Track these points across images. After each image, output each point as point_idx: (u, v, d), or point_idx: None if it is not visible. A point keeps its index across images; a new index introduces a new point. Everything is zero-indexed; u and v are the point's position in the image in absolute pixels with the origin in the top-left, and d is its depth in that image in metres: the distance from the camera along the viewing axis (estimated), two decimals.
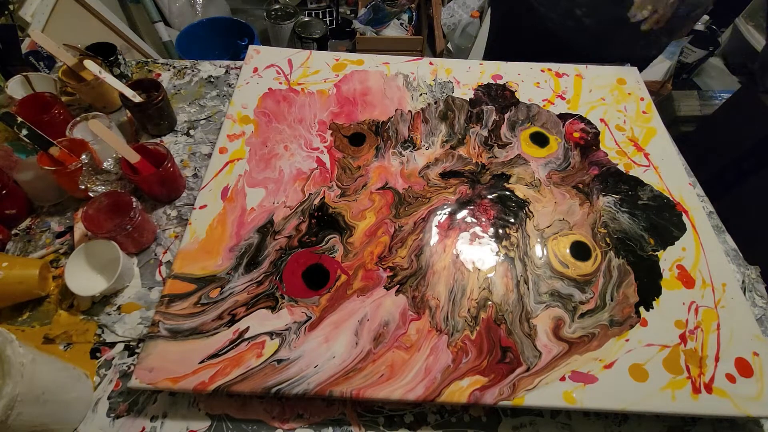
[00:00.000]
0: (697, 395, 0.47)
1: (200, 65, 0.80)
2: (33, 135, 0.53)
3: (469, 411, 0.49)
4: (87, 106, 0.71)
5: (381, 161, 0.65)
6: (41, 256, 0.55)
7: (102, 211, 0.55)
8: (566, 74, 0.79)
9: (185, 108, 0.73)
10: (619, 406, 0.46)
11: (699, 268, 0.57)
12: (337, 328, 0.49)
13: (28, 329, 0.51)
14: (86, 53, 0.67)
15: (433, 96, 0.74)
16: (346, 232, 0.57)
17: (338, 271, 0.53)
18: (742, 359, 0.49)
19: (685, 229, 0.60)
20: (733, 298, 0.54)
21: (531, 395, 0.46)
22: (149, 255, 0.57)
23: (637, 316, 0.52)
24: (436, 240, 0.57)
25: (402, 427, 0.47)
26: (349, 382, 0.46)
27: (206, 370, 0.46)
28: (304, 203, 0.59)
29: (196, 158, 0.67)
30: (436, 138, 0.68)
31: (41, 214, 0.60)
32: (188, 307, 0.50)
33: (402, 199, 0.60)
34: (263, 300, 0.51)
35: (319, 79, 0.74)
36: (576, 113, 0.73)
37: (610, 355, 0.49)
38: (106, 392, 0.47)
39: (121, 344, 0.50)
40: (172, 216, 0.61)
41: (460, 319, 0.51)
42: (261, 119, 0.68)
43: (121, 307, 0.53)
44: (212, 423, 0.46)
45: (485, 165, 0.65)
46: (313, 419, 0.47)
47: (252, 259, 0.54)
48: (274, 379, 0.45)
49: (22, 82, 0.67)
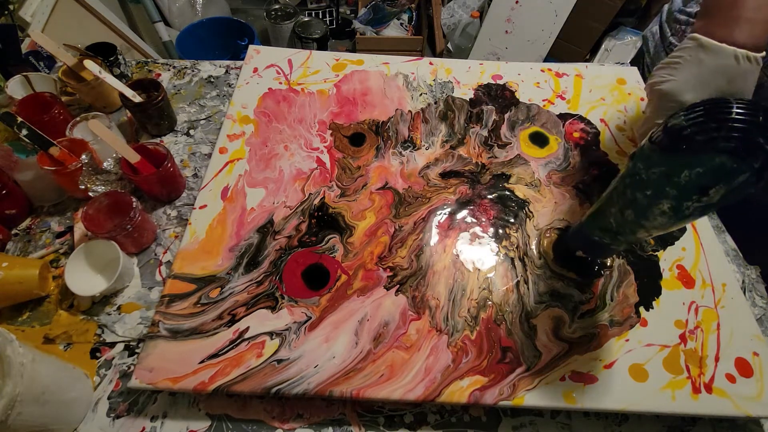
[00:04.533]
0: (697, 395, 0.47)
1: (200, 65, 0.80)
2: (33, 135, 0.53)
3: (469, 411, 0.49)
4: (87, 106, 0.71)
5: (381, 161, 0.65)
6: (41, 256, 0.55)
7: (102, 211, 0.55)
8: (566, 74, 0.79)
9: (185, 108, 0.73)
10: (619, 406, 0.46)
11: (699, 268, 0.57)
12: (337, 328, 0.49)
13: (28, 329, 0.51)
14: (86, 53, 0.67)
15: (433, 96, 0.74)
16: (346, 232, 0.57)
17: (338, 271, 0.54)
18: (742, 359, 0.50)
19: (685, 229, 0.60)
20: (733, 298, 0.54)
21: (531, 395, 0.46)
22: (149, 255, 0.57)
23: (637, 316, 0.52)
24: (436, 240, 0.57)
25: (402, 427, 0.47)
26: (349, 382, 0.46)
27: (206, 370, 0.46)
28: (304, 203, 0.59)
29: (196, 158, 0.67)
30: (436, 138, 0.68)
31: (41, 214, 0.60)
32: (188, 307, 0.50)
33: (402, 199, 0.60)
34: (263, 300, 0.51)
35: (319, 79, 0.75)
36: (576, 113, 0.73)
37: (610, 355, 0.49)
38: (106, 392, 0.47)
39: (121, 344, 0.50)
40: (172, 216, 0.61)
41: (460, 319, 0.51)
42: (261, 119, 0.68)
43: (121, 307, 0.53)
44: (212, 423, 0.46)
45: (485, 165, 0.65)
46: (313, 419, 0.47)
47: (252, 259, 0.54)
48: (274, 379, 0.45)
49: (22, 82, 0.67)
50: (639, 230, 0.41)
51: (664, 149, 0.37)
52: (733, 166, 0.32)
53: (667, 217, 0.38)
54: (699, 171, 0.34)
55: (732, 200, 0.35)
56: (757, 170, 0.32)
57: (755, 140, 0.32)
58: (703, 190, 0.34)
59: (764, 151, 0.32)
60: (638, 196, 0.39)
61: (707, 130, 0.33)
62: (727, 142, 0.32)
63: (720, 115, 0.33)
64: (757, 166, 0.32)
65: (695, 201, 0.35)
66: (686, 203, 0.36)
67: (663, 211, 0.38)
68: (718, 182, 0.33)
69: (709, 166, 0.33)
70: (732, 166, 0.32)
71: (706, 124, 0.34)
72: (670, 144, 0.36)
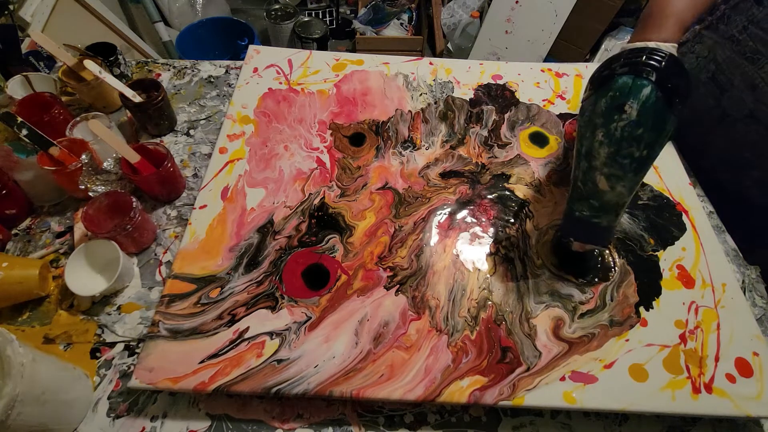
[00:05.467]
0: (697, 395, 0.47)
1: (200, 65, 0.80)
2: (33, 135, 0.53)
3: (469, 411, 0.49)
4: (87, 106, 0.71)
5: (381, 161, 0.65)
6: (41, 256, 0.55)
7: (102, 211, 0.55)
8: (566, 74, 0.79)
9: (185, 108, 0.73)
10: (619, 406, 0.46)
11: (699, 268, 0.57)
12: (337, 328, 0.49)
13: (28, 329, 0.51)
14: (86, 53, 0.67)
15: (433, 96, 0.74)
16: (346, 232, 0.57)
17: (338, 271, 0.53)
18: (742, 359, 0.49)
19: (685, 229, 0.60)
20: (733, 298, 0.54)
21: (531, 395, 0.46)
22: (149, 255, 0.57)
23: (637, 316, 0.52)
24: (436, 240, 0.57)
25: (402, 427, 0.47)
26: (349, 382, 0.46)
27: (206, 370, 0.46)
28: (304, 203, 0.59)
29: (196, 158, 0.67)
30: (436, 138, 0.68)
31: (41, 214, 0.60)
32: (188, 307, 0.50)
33: (402, 199, 0.60)
34: (263, 300, 0.51)
35: (319, 79, 0.74)
36: (576, 113, 0.73)
37: (610, 355, 0.49)
38: (106, 392, 0.47)
39: (121, 344, 0.50)
40: (172, 216, 0.61)
41: (460, 319, 0.51)
42: (261, 119, 0.68)
43: (121, 307, 0.53)
44: (212, 423, 0.46)
45: (485, 165, 0.65)
46: (313, 419, 0.47)
47: (252, 259, 0.54)
48: (274, 379, 0.45)
49: (22, 82, 0.67)
50: (596, 177, 0.46)
51: (588, 97, 0.49)
52: (635, 83, 0.44)
53: (606, 146, 0.45)
54: (610, 94, 0.45)
55: (655, 121, 0.44)
56: (655, 83, 0.43)
57: (642, 61, 0.44)
58: (619, 108, 0.44)
59: (652, 67, 0.44)
60: (583, 142, 0.48)
61: (608, 66, 0.47)
62: (621, 67, 0.46)
63: (616, 57, 0.47)
64: (653, 79, 0.43)
65: (618, 120, 0.44)
66: (612, 125, 0.45)
67: (600, 142, 0.46)
68: (628, 97, 0.44)
69: (615, 87, 0.45)
70: (634, 82, 0.44)
71: (608, 63, 0.48)
72: (590, 88, 0.50)
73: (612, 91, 0.45)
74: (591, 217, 0.47)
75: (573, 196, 0.50)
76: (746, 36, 0.60)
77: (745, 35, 0.60)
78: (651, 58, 0.44)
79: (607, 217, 0.47)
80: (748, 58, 0.60)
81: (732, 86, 0.63)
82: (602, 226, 0.47)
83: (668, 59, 0.44)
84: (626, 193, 0.46)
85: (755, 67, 0.59)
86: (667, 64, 0.44)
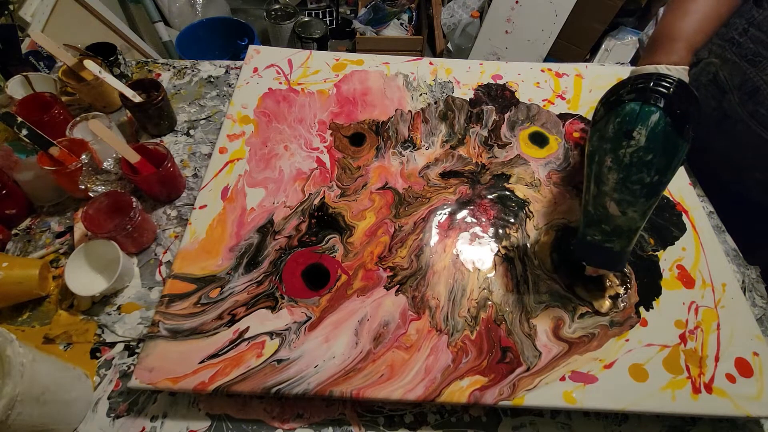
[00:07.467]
0: (697, 395, 0.47)
1: (200, 65, 0.80)
2: (33, 135, 0.53)
3: (469, 411, 0.49)
4: (87, 106, 0.71)
5: (381, 161, 0.65)
6: (41, 256, 0.55)
7: (102, 211, 0.55)
8: (566, 74, 0.79)
9: (185, 108, 0.73)
10: (619, 406, 0.46)
11: (699, 268, 0.57)
12: (337, 328, 0.49)
13: (28, 329, 0.51)
14: (86, 53, 0.67)
15: (433, 96, 0.74)
16: (346, 232, 0.57)
17: (338, 271, 0.53)
18: (742, 359, 0.49)
19: (685, 229, 0.60)
20: (733, 298, 0.54)
21: (531, 395, 0.46)
22: (149, 255, 0.57)
23: (637, 316, 0.52)
24: (436, 240, 0.57)
25: (402, 427, 0.47)
26: (349, 382, 0.46)
27: (206, 370, 0.46)
28: (304, 203, 0.59)
29: (196, 158, 0.67)
30: (436, 138, 0.68)
31: (41, 214, 0.60)
32: (188, 307, 0.50)
33: (402, 199, 0.60)
34: (263, 300, 0.51)
35: (319, 79, 0.74)
36: (576, 113, 0.73)
37: (610, 355, 0.49)
38: (106, 392, 0.47)
39: (121, 344, 0.50)
40: (172, 216, 0.61)
41: (460, 319, 0.51)
42: (261, 119, 0.68)
43: (121, 307, 0.53)
44: (212, 423, 0.46)
45: (485, 165, 0.65)
46: (313, 419, 0.47)
47: (252, 259, 0.54)
48: (274, 379, 0.45)
49: (22, 82, 0.67)
50: (606, 201, 0.46)
51: (596, 122, 0.49)
52: (643, 109, 0.43)
53: (615, 171, 0.45)
54: (618, 120, 0.45)
55: (665, 147, 0.43)
56: (663, 109, 0.43)
57: (650, 87, 0.44)
58: (628, 134, 0.44)
59: (660, 93, 0.43)
60: (593, 166, 0.48)
61: (616, 92, 0.47)
62: (629, 93, 0.45)
63: (624, 83, 0.48)
64: (662, 106, 0.43)
65: (626, 146, 0.44)
66: (620, 151, 0.44)
67: (609, 167, 0.45)
68: (635, 124, 0.43)
69: (623, 113, 0.45)
70: (642, 109, 0.43)
71: (616, 88, 0.48)
72: (598, 114, 0.49)
73: (619, 117, 0.45)
74: (603, 241, 0.47)
75: (584, 221, 0.49)
76: (746, 38, 0.60)
77: (746, 37, 0.60)
78: (659, 84, 0.44)
79: (620, 242, 0.46)
80: (748, 60, 0.60)
81: (733, 88, 0.63)
82: (615, 251, 0.47)
83: (677, 85, 0.44)
84: (638, 218, 0.45)
85: (756, 69, 0.59)
86: (675, 90, 0.44)
